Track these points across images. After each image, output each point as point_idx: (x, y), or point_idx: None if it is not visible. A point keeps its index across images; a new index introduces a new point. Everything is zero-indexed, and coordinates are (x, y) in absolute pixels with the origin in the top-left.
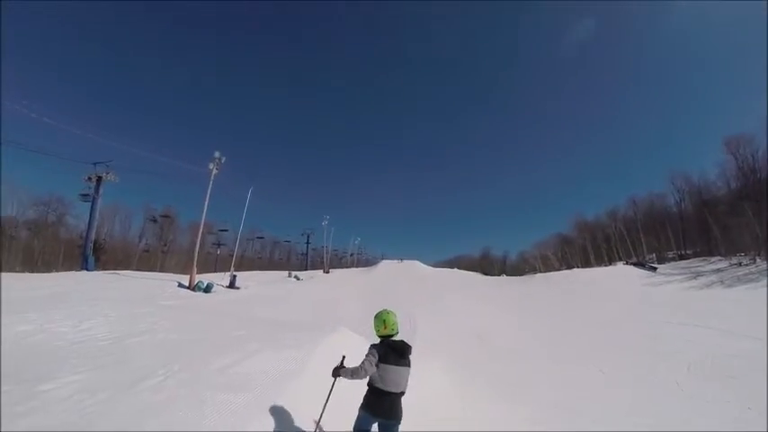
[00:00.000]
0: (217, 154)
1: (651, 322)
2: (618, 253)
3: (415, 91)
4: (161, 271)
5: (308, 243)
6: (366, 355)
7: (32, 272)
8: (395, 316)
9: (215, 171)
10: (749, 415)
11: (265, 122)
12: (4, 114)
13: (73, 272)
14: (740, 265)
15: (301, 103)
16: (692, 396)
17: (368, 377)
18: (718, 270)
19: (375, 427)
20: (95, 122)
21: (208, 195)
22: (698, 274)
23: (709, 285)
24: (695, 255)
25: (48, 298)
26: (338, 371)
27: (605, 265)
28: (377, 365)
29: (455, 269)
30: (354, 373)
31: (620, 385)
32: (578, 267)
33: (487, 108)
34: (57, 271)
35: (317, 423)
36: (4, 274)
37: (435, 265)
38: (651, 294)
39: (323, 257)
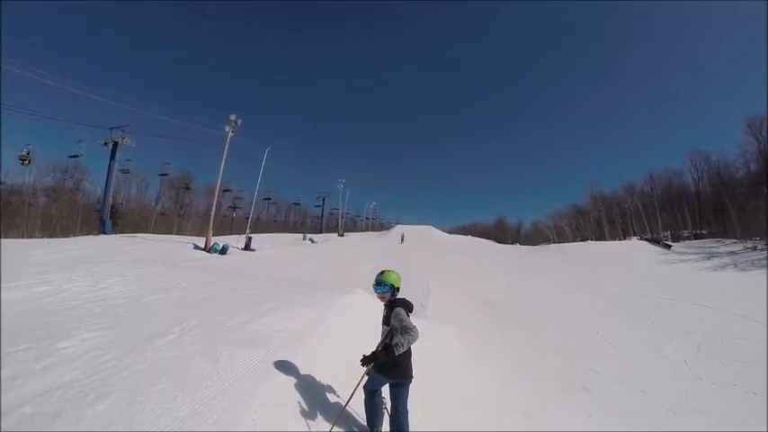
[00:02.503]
0: (233, 117)
1: (663, 300)
2: (633, 228)
3: (431, 55)
4: (177, 234)
5: (322, 206)
6: (399, 319)
7: (51, 237)
8: (398, 274)
9: (231, 134)
10: (752, 400)
11: (283, 84)
12: (20, 82)
13: (91, 236)
14: (755, 249)
15: (319, 64)
16: (700, 376)
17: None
18: (733, 253)
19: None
20: (111, 86)
21: (224, 158)
22: (712, 255)
23: (722, 267)
24: (710, 235)
25: (66, 261)
26: (372, 358)
27: (619, 240)
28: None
29: (469, 236)
30: (399, 346)
31: (630, 360)
32: (592, 240)
33: (508, 75)
34: (75, 236)
35: (343, 408)
36: (23, 240)
37: (450, 231)
38: (664, 272)
39: (338, 221)
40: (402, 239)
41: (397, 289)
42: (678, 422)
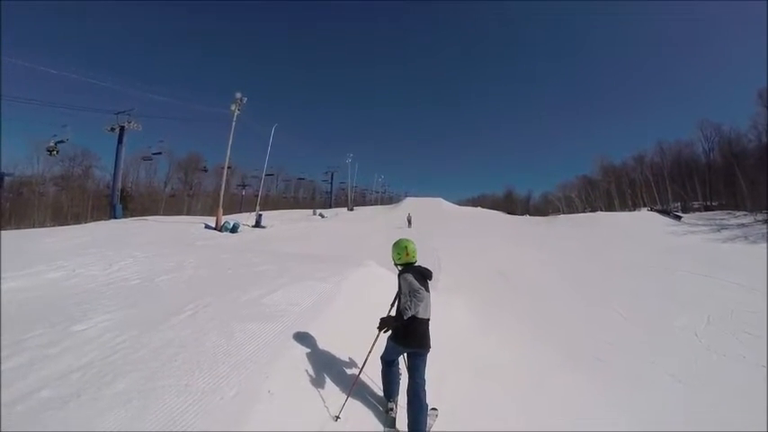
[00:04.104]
0: (238, 95)
1: (673, 271)
2: (642, 199)
3: (440, 27)
4: (188, 215)
5: (331, 181)
6: (407, 283)
7: (62, 225)
8: (414, 244)
9: (237, 112)
10: (761, 373)
11: (288, 60)
12: (23, 73)
13: (101, 221)
14: (765, 222)
15: (324, 38)
16: (709, 348)
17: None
18: (743, 225)
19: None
20: (115, 70)
21: (231, 136)
22: (722, 227)
23: (732, 239)
24: (720, 207)
25: (78, 247)
26: (389, 321)
27: (629, 211)
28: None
29: (479, 208)
30: (407, 309)
31: (641, 331)
32: (602, 211)
33: (514, 45)
34: (86, 222)
35: (357, 375)
36: (34, 230)
37: (459, 203)
38: (674, 243)
39: (347, 195)
40: (409, 223)
41: (406, 262)
42: (686, 392)
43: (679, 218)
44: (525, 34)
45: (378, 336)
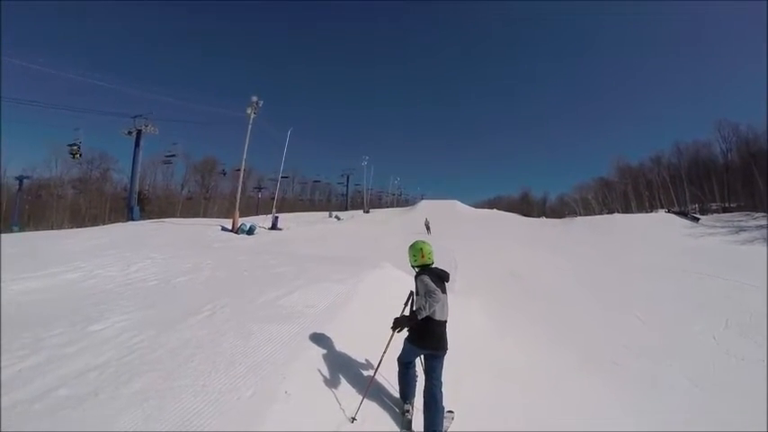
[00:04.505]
0: (254, 98)
1: (691, 273)
2: (660, 200)
3: (455, 24)
4: (204, 217)
5: (347, 183)
6: (423, 284)
7: (80, 227)
8: (430, 246)
9: (253, 115)
10: None
11: (303, 64)
12: (40, 79)
13: (119, 223)
14: None
15: (339, 41)
16: (728, 352)
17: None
18: (762, 227)
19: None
20: (131, 74)
21: (247, 140)
22: (741, 229)
23: (751, 241)
24: (738, 208)
25: (95, 248)
26: (403, 321)
27: (646, 212)
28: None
29: (494, 210)
30: (422, 310)
31: (659, 335)
32: (619, 213)
33: (527, 46)
34: (103, 224)
35: (373, 376)
36: (52, 231)
37: (475, 206)
38: (692, 245)
39: (363, 198)
40: (428, 229)
41: (422, 264)
42: (704, 397)
43: (697, 220)
44: (538, 35)
45: (392, 336)
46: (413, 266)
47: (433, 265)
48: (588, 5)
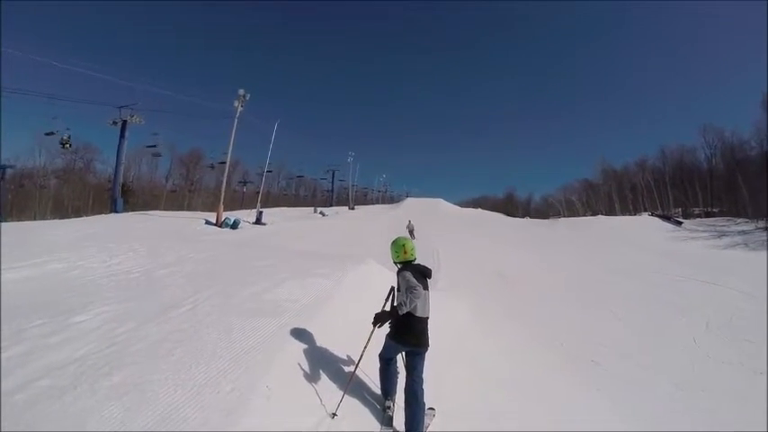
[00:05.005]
0: (241, 91)
1: (673, 276)
2: (643, 203)
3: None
4: (188, 210)
5: (332, 180)
6: (405, 280)
7: (63, 218)
8: (412, 242)
9: (240, 108)
10: (759, 380)
11: (290, 58)
12: (25, 66)
13: (102, 215)
14: (766, 229)
15: (325, 37)
16: (708, 355)
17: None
18: (744, 232)
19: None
20: (118, 64)
21: (233, 133)
22: (723, 234)
23: (732, 246)
24: (721, 213)
25: (79, 239)
26: (384, 316)
27: (630, 215)
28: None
29: (479, 209)
30: (403, 305)
31: (639, 337)
32: (603, 214)
33: (516, 46)
34: (87, 216)
35: (353, 371)
36: (35, 222)
37: (460, 205)
38: (675, 248)
39: (348, 194)
40: (411, 234)
41: (404, 261)
42: (685, 398)
43: (680, 223)
44: (526, 34)
45: (372, 331)
46: (395, 263)
47: (416, 262)
48: (577, 5)
